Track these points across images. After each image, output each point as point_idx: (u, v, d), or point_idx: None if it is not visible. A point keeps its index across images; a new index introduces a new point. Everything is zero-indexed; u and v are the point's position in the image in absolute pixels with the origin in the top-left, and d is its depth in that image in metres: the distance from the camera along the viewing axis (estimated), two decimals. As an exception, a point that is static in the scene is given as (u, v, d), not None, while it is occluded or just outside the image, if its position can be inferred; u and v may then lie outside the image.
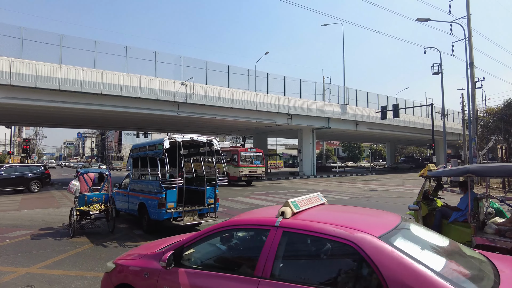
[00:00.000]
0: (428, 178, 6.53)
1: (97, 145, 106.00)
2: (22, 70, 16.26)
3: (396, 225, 2.54)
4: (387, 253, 2.08)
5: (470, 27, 20.48)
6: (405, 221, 2.75)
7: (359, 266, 2.16)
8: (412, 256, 2.09)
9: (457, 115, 41.36)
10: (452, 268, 2.21)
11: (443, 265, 2.18)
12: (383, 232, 2.31)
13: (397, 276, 1.97)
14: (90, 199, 8.14)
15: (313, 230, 2.40)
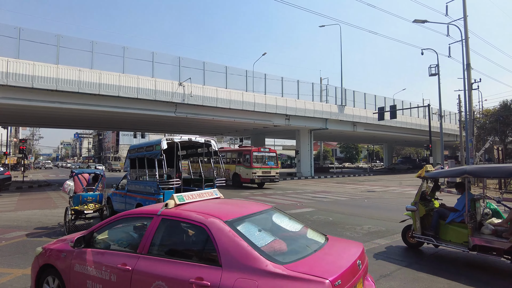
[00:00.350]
0: (425, 179, 6.56)
1: (94, 146, 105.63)
2: (19, 70, 16.18)
3: (251, 213, 3.31)
4: (225, 232, 2.79)
5: (466, 29, 20.59)
6: (269, 211, 3.60)
7: (206, 241, 2.84)
8: (243, 235, 2.78)
9: (454, 116, 41.54)
10: (273, 245, 2.90)
11: (266, 243, 2.88)
12: (231, 218, 3.01)
13: (227, 248, 2.69)
14: (84, 199, 8.39)
15: (182, 217, 3.11)
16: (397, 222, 8.38)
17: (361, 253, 3.07)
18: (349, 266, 2.73)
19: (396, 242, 7.26)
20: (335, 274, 2.49)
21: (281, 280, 2.42)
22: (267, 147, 23.94)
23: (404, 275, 5.23)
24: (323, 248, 3.09)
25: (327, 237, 3.47)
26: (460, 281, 4.96)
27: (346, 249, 3.20)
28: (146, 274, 2.91)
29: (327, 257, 2.89)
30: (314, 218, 10.26)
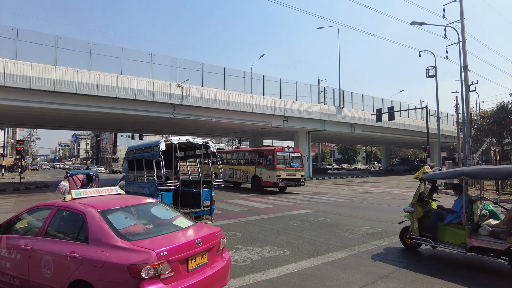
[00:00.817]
0: (423, 181, 6.58)
1: (92, 147, 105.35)
2: (17, 71, 16.13)
3: (128, 205, 4.25)
4: (95, 218, 3.65)
5: (463, 31, 20.70)
6: (150, 204, 4.49)
7: (82, 225, 3.68)
8: (108, 221, 3.64)
9: (452, 118, 41.71)
10: (130, 228, 3.75)
11: (125, 226, 3.74)
12: (105, 208, 3.86)
13: (94, 230, 3.56)
14: None
15: (71, 207, 3.99)
16: (395, 223, 8.40)
17: (205, 236, 3.91)
18: (183, 243, 3.63)
19: (394, 243, 7.27)
20: (163, 248, 3.33)
21: (123, 251, 3.29)
22: (292, 146, 21.08)
23: (402, 276, 5.24)
24: (178, 231, 4.00)
25: (194, 224, 4.31)
26: (458, 282, 4.98)
27: (196, 232, 4.03)
28: (39, 251, 3.75)
29: (171, 237, 3.76)
30: (312, 219, 10.27)
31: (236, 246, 7.02)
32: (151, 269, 3.16)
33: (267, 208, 12.75)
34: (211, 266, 3.91)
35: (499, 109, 35.23)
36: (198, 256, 3.72)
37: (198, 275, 3.66)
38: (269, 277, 5.17)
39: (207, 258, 3.86)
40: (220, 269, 3.98)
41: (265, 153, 19.87)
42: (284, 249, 6.82)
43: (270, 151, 19.58)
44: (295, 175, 19.24)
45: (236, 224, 9.51)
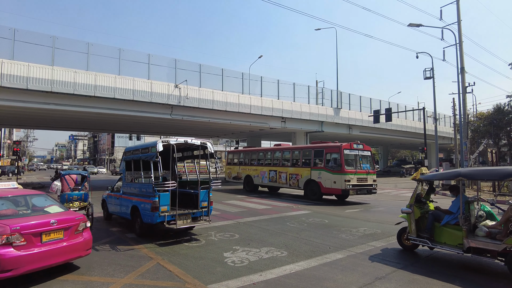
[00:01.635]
0: (420, 182, 6.60)
1: (89, 148, 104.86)
2: (14, 72, 16.06)
3: (10, 195, 5.65)
4: None
5: (460, 33, 20.80)
6: (33, 196, 5.94)
7: None
8: None
9: (449, 119, 41.87)
10: (3, 212, 5.14)
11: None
12: None
13: None
14: (70, 198, 9.25)
15: None
16: (393, 224, 8.42)
17: (62, 218, 5.27)
18: (38, 222, 4.96)
19: (391, 244, 7.29)
20: (18, 224, 4.74)
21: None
22: (360, 142, 15.92)
23: (400, 277, 5.25)
24: (43, 215, 5.33)
25: (63, 211, 5.65)
26: (455, 283, 4.99)
27: (56, 216, 5.32)
28: None
29: (32, 218, 5.08)
30: (309, 220, 10.27)
31: (233, 247, 7.01)
32: (5, 238, 4.56)
33: (265, 209, 12.74)
34: (67, 241, 5.23)
35: (496, 110, 35.44)
36: (53, 232, 5.07)
37: (51, 246, 4.99)
38: (266, 278, 5.16)
39: (63, 235, 5.21)
40: (75, 243, 5.31)
41: (325, 150, 15.47)
42: (281, 250, 6.81)
43: (334, 149, 15.18)
44: (366, 179, 14.89)
45: (234, 225, 9.51)
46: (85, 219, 5.71)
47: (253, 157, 20.86)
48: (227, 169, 22.93)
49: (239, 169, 21.56)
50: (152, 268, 5.72)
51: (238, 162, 22.18)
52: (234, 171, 22.01)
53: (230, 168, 22.60)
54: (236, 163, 22.16)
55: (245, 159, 21.52)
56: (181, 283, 4.99)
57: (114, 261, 6.09)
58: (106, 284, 4.96)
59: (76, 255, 5.40)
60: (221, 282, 5.02)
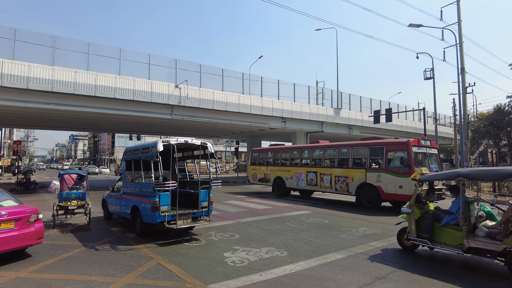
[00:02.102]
0: (420, 182, 6.60)
1: (89, 148, 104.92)
2: (14, 72, 16.07)
3: None
4: None
5: (461, 33, 20.81)
6: None
7: None
8: None
9: (449, 119, 41.87)
10: None
11: None
12: None
13: None
14: (68, 196, 9.77)
15: None
16: (393, 224, 8.43)
17: (14, 211, 5.96)
18: None
19: (391, 244, 7.29)
20: None
21: None
22: (427, 138, 13.72)
23: (400, 277, 5.26)
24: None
25: (17, 205, 6.26)
26: (455, 283, 5.00)
27: (8, 209, 5.97)
28: None
29: None
30: (310, 220, 10.27)
31: (233, 247, 7.02)
32: None
33: (265, 209, 12.75)
34: (18, 230, 5.90)
35: (496, 111, 35.41)
36: (3, 223, 5.77)
37: (2, 234, 5.68)
38: (266, 278, 5.17)
39: (14, 225, 5.88)
40: (26, 233, 5.97)
41: (387, 148, 12.86)
42: (281, 250, 6.82)
43: (399, 146, 12.56)
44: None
45: (234, 225, 9.51)
46: (37, 212, 6.30)
47: (285, 156, 18.14)
48: (251, 170, 20.56)
49: (266, 170, 19.01)
50: (152, 267, 5.73)
51: (265, 162, 19.48)
52: (260, 172, 19.61)
53: (255, 169, 20.21)
54: (263, 163, 19.65)
55: (274, 159, 18.81)
56: (181, 283, 4.99)
57: (115, 261, 6.10)
58: (106, 283, 4.97)
59: (27, 243, 6.10)
60: (221, 282, 5.03)
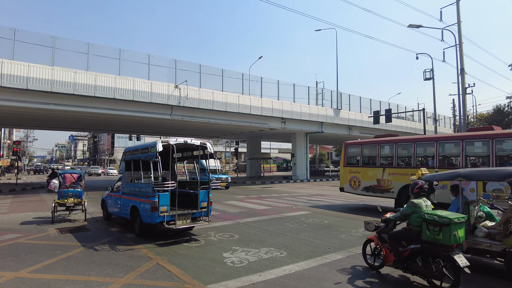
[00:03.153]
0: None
1: (89, 148, 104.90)
2: (14, 72, 16.07)
3: None
4: None
5: (460, 34, 20.83)
6: None
7: None
8: None
9: (449, 120, 41.89)
10: None
11: None
12: None
13: None
14: (66, 194, 10.45)
15: None
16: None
17: None
18: None
19: (391, 245, 7.27)
20: None
21: None
22: None
23: (399, 277, 5.25)
24: None
25: None
26: (454, 283, 4.98)
27: None
28: None
29: None
30: (309, 221, 10.26)
31: (233, 248, 7.01)
32: None
33: (265, 209, 12.74)
34: None
35: (496, 111, 35.47)
36: None
37: None
38: (266, 278, 5.16)
39: None
40: None
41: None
42: (281, 250, 6.81)
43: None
44: None
45: (233, 226, 9.50)
46: None
47: (419, 152, 11.89)
48: (348, 173, 14.04)
49: (382, 174, 12.53)
50: (152, 268, 5.72)
51: (378, 161, 12.98)
52: (369, 178, 13.09)
53: (354, 172, 13.78)
54: (373, 163, 13.29)
55: (401, 156, 12.44)
56: (180, 283, 4.99)
57: (114, 261, 6.09)
58: (105, 284, 4.96)
59: None
60: (220, 282, 5.02)
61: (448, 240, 4.41)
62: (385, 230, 5.44)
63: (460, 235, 4.51)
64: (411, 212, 5.02)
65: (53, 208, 10.05)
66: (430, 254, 4.67)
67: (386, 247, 5.27)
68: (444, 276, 4.50)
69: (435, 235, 4.54)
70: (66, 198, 10.38)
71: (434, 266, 4.57)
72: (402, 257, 4.95)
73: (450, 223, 4.41)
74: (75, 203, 10.34)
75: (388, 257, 5.19)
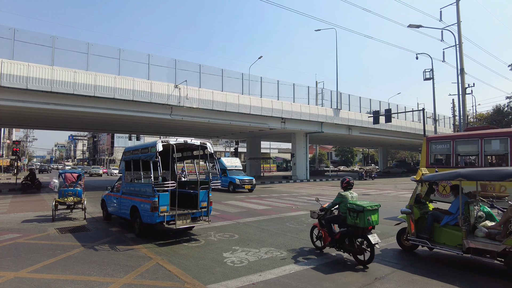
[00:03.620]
0: (420, 182, 6.60)
1: (89, 148, 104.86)
2: (13, 71, 16.06)
3: None
4: None
5: (460, 34, 20.83)
6: None
7: None
8: None
9: (448, 120, 41.90)
10: None
11: None
12: None
13: None
14: (66, 193, 10.86)
15: None
16: (392, 225, 8.42)
17: None
18: None
19: (391, 245, 7.29)
20: None
21: None
22: None
23: (399, 277, 5.25)
24: None
25: None
26: (454, 283, 4.99)
27: None
28: None
29: None
30: (309, 221, 10.26)
31: (233, 248, 7.01)
32: None
33: (264, 209, 12.74)
34: None
35: (495, 111, 35.47)
36: None
37: None
38: (266, 278, 5.16)
39: None
40: None
41: None
42: (281, 250, 6.81)
43: None
44: None
45: (233, 226, 9.50)
46: None
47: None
48: None
49: None
50: (152, 268, 5.71)
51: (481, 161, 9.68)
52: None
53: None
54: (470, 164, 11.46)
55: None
56: (181, 283, 4.98)
57: (114, 261, 6.09)
58: (105, 283, 4.95)
59: None
60: (220, 282, 5.02)
61: (363, 223, 5.61)
62: (323, 217, 6.51)
63: (374, 219, 5.71)
64: (339, 202, 6.14)
65: (54, 207, 10.36)
66: (353, 235, 5.87)
67: (325, 231, 6.47)
68: (363, 252, 5.74)
69: (354, 220, 5.72)
70: (66, 197, 10.76)
71: (356, 245, 5.81)
72: (335, 238, 6.15)
73: (364, 210, 5.60)
74: (75, 201, 10.71)
75: (326, 239, 6.48)
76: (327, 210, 6.54)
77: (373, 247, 5.59)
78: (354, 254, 5.90)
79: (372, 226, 5.74)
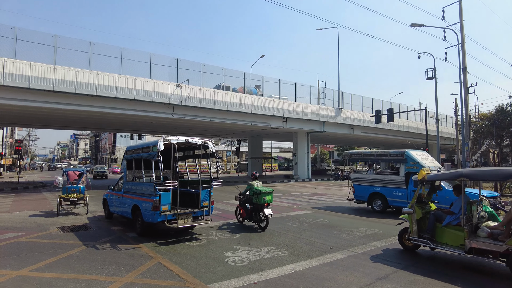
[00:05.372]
0: (422, 182, 6.57)
1: (91, 147, 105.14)
2: (16, 71, 16.10)
3: None
4: None
5: (463, 33, 20.73)
6: None
7: None
8: None
9: (451, 120, 41.75)
10: None
11: None
12: None
13: None
14: (69, 190, 11.60)
15: None
16: (394, 225, 8.40)
17: None
18: None
19: (392, 244, 7.27)
20: None
21: None
22: None
23: (401, 277, 5.23)
24: None
25: None
26: (456, 283, 4.97)
27: None
28: None
29: None
30: (310, 220, 10.25)
31: (234, 247, 7.01)
32: None
33: (266, 209, 12.72)
34: None
35: (498, 111, 35.30)
36: None
37: None
38: (267, 278, 5.15)
39: None
40: None
41: None
42: (282, 250, 6.80)
43: None
44: None
45: (235, 225, 9.50)
46: None
47: None
48: None
49: None
50: (153, 267, 5.72)
51: None
52: None
53: None
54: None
55: None
56: (182, 282, 4.98)
57: (115, 260, 6.09)
58: (106, 282, 4.96)
59: None
60: (221, 281, 5.02)
61: (261, 201, 8.61)
62: (241, 200, 9.37)
63: (268, 199, 8.70)
64: (249, 188, 9.09)
65: (58, 202, 11.15)
66: (256, 210, 8.78)
67: (242, 209, 9.32)
68: (262, 221, 8.67)
69: (256, 200, 8.71)
70: (70, 193, 11.54)
71: (258, 217, 8.74)
72: (248, 213, 9.06)
73: (261, 192, 8.63)
74: (78, 198, 11.52)
75: (243, 214, 9.34)
76: (243, 194, 9.33)
77: (267, 218, 8.55)
78: (257, 223, 8.80)
79: (267, 203, 8.68)
